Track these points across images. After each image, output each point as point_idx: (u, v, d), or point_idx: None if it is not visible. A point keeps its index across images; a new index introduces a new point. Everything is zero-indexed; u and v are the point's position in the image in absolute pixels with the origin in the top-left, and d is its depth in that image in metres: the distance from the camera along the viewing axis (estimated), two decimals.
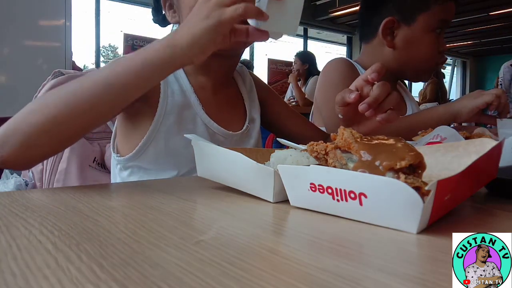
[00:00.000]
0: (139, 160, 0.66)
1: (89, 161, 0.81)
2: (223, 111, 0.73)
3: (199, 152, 0.48)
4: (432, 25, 0.93)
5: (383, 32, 0.98)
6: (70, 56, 2.24)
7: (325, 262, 0.24)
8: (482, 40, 8.63)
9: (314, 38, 7.28)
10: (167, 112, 0.65)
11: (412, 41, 0.96)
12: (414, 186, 0.29)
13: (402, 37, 0.97)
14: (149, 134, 0.64)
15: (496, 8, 6.30)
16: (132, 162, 0.66)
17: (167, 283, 0.21)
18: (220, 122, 0.71)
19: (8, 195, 0.42)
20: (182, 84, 0.69)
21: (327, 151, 0.37)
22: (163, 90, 0.66)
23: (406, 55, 0.97)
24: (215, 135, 0.70)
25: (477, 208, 0.41)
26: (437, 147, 0.47)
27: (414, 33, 0.95)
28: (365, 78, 0.59)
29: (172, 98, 0.67)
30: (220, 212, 0.37)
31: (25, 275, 0.22)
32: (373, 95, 0.56)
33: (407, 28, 0.96)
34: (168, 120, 0.65)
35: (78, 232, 0.30)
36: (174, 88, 0.68)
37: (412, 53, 0.96)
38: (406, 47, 0.97)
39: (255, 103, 0.80)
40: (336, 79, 1.00)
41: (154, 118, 0.64)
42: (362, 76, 0.60)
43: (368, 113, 0.57)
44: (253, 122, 0.78)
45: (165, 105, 0.65)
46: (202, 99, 0.70)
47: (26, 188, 0.77)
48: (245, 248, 0.26)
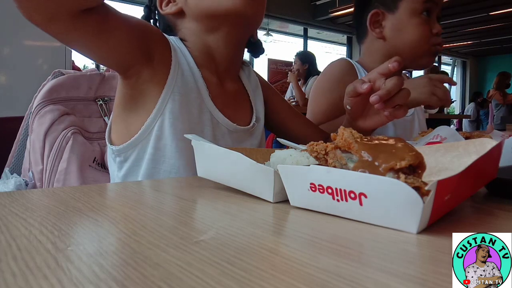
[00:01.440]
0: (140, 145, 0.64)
1: (89, 161, 0.81)
2: (229, 104, 0.72)
3: (199, 152, 0.48)
4: (416, 9, 0.93)
5: (371, 26, 1.00)
6: (70, 56, 2.24)
7: (325, 262, 0.24)
8: (482, 40, 8.64)
9: (314, 38, 7.29)
10: (175, 91, 0.64)
11: (400, 28, 0.96)
12: (414, 186, 0.29)
13: (389, 26, 0.98)
14: (156, 112, 0.62)
15: (496, 8, 6.31)
16: (131, 150, 0.64)
17: (167, 283, 0.21)
18: (226, 113, 0.70)
19: (8, 195, 0.42)
20: (192, 68, 0.68)
21: (327, 151, 0.37)
22: (174, 67, 0.65)
23: (398, 43, 0.98)
24: (219, 126, 0.69)
25: (477, 208, 0.41)
26: (437, 147, 0.47)
27: (400, 20, 0.96)
28: (380, 71, 0.58)
29: (182, 78, 0.65)
30: (220, 212, 0.37)
31: (25, 275, 0.22)
32: (386, 87, 0.56)
33: (392, 17, 0.97)
34: (174, 100, 0.64)
35: (78, 232, 0.30)
36: (185, 69, 0.67)
37: (403, 39, 0.96)
38: (396, 35, 0.97)
39: (261, 102, 0.79)
40: (332, 77, 1.02)
41: (160, 97, 0.62)
42: (377, 69, 0.59)
43: (377, 106, 0.57)
44: (259, 121, 0.77)
45: (173, 83, 0.64)
46: (209, 86, 0.69)
47: (26, 188, 0.77)
48: (245, 248, 0.26)
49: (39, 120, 0.78)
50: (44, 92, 0.79)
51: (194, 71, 0.68)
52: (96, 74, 0.88)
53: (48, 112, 0.78)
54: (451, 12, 6.49)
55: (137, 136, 0.63)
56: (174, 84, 0.64)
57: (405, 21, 0.95)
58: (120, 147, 0.65)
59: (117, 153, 0.66)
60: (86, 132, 0.83)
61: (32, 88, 0.84)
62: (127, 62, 0.61)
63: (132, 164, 0.65)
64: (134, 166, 0.65)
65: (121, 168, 0.67)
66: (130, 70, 0.62)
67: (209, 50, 0.70)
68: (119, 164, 0.67)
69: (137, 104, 0.64)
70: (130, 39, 0.59)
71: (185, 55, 0.69)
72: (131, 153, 0.65)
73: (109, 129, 0.69)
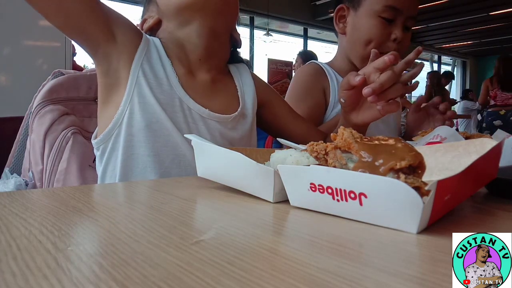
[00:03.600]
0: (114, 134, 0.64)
1: (89, 161, 0.81)
2: (203, 93, 0.71)
3: (199, 152, 0.48)
4: (375, 10, 0.93)
5: (336, 20, 1.02)
6: (70, 56, 2.24)
7: (325, 262, 0.24)
8: (482, 40, 8.64)
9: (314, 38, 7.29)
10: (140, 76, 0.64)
11: (357, 26, 0.98)
12: (414, 186, 0.29)
13: (351, 23, 1.00)
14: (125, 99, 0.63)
15: (496, 8, 6.31)
16: (107, 142, 0.65)
17: (167, 283, 0.21)
18: (198, 100, 0.69)
19: (8, 195, 0.42)
20: (162, 56, 0.69)
21: (327, 151, 0.37)
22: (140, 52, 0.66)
23: (354, 40, 0.99)
24: (191, 112, 0.68)
25: (477, 208, 0.41)
26: (437, 147, 0.47)
27: (359, 18, 0.97)
28: (375, 65, 0.59)
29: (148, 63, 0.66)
30: (220, 212, 0.37)
31: (25, 275, 0.22)
32: (379, 80, 0.56)
33: (354, 14, 0.99)
34: (141, 84, 0.64)
35: (78, 232, 0.30)
36: (153, 56, 0.68)
37: (358, 37, 0.98)
38: (353, 32, 0.99)
39: (251, 101, 0.78)
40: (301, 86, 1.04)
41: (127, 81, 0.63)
42: (372, 63, 0.60)
43: (370, 99, 0.57)
44: (245, 117, 0.76)
45: (139, 65, 0.65)
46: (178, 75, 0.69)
47: (26, 188, 0.77)
48: (245, 248, 0.26)
49: (39, 120, 0.78)
50: (44, 92, 0.79)
51: (164, 60, 0.69)
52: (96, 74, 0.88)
53: (48, 112, 0.78)
54: (451, 12, 6.49)
55: (111, 125, 0.64)
56: (140, 67, 0.65)
57: (363, 20, 0.96)
58: (97, 140, 0.66)
59: (96, 147, 0.67)
60: (86, 132, 0.83)
61: (32, 88, 0.84)
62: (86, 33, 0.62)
63: (109, 155, 0.66)
64: (112, 157, 0.65)
65: (101, 161, 0.67)
66: (98, 51, 0.63)
67: (180, 42, 0.71)
68: (100, 158, 0.67)
69: (112, 92, 0.65)
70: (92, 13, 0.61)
71: (157, 46, 0.70)
72: (107, 144, 0.65)
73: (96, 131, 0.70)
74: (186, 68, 0.71)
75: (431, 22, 6.93)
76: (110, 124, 0.64)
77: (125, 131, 0.63)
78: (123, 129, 0.63)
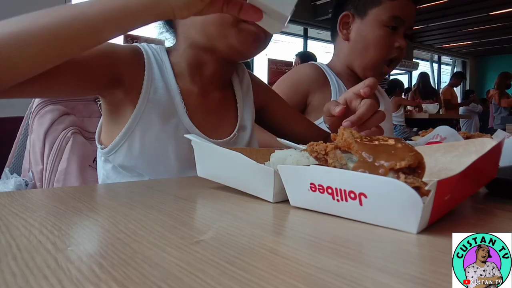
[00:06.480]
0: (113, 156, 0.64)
1: (89, 161, 0.81)
2: (210, 117, 0.70)
3: (199, 152, 0.48)
4: (383, 20, 0.97)
5: (340, 26, 1.04)
6: None
7: (325, 262, 0.24)
8: (482, 40, 8.64)
9: (314, 38, 7.28)
10: (147, 110, 0.63)
11: (363, 34, 1.01)
12: (414, 186, 0.29)
13: (355, 30, 1.02)
14: (126, 130, 0.62)
15: (496, 8, 6.30)
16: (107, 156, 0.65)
17: (167, 283, 0.21)
18: (205, 128, 0.68)
19: (8, 195, 0.42)
20: (169, 84, 0.66)
21: (327, 151, 0.37)
22: (146, 86, 0.64)
23: (358, 47, 1.02)
24: None
25: (477, 208, 0.41)
26: (437, 147, 0.47)
27: (365, 27, 1.00)
28: (356, 91, 0.59)
29: (154, 96, 0.64)
30: (220, 212, 0.37)
31: (25, 275, 0.22)
32: (358, 114, 0.56)
33: (360, 22, 1.01)
34: (148, 118, 0.63)
35: (78, 232, 0.30)
36: (159, 85, 0.65)
37: (363, 45, 1.01)
38: (358, 39, 1.02)
39: (249, 109, 0.77)
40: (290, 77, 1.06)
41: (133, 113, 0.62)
42: (353, 89, 0.60)
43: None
44: (244, 130, 0.75)
45: (145, 102, 0.63)
46: (188, 102, 0.67)
47: (26, 188, 0.77)
48: (245, 248, 0.26)
49: (39, 120, 0.78)
50: None
51: (171, 87, 0.66)
52: None
53: (48, 112, 0.78)
54: (451, 12, 6.49)
55: (111, 147, 0.64)
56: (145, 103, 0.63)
57: (370, 29, 0.99)
58: (103, 151, 0.65)
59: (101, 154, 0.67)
60: (86, 132, 0.83)
61: None
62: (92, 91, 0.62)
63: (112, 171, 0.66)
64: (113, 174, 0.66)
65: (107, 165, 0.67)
66: (103, 93, 0.63)
67: (198, 63, 0.68)
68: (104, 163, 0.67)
69: (115, 118, 0.65)
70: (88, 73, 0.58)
71: (164, 69, 0.67)
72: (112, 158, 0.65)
73: (100, 126, 0.69)
74: (197, 89, 0.69)
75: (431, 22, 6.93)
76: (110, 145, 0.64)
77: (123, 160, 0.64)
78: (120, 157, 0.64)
